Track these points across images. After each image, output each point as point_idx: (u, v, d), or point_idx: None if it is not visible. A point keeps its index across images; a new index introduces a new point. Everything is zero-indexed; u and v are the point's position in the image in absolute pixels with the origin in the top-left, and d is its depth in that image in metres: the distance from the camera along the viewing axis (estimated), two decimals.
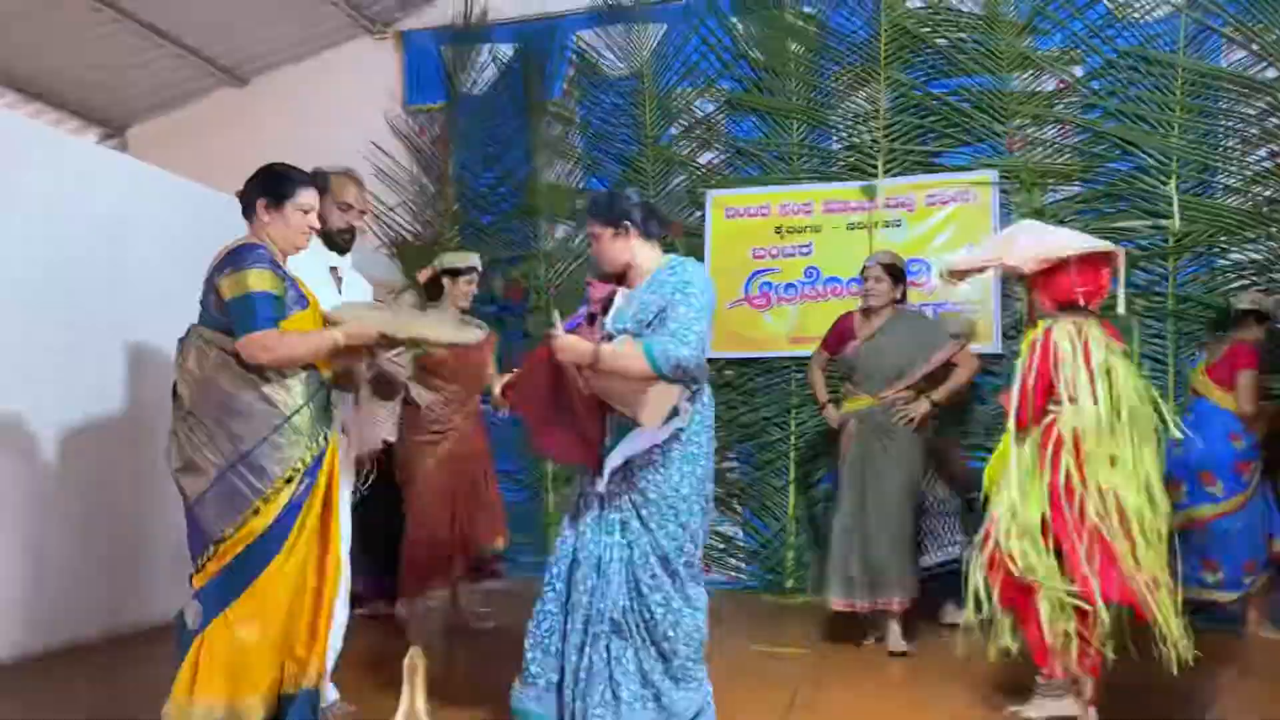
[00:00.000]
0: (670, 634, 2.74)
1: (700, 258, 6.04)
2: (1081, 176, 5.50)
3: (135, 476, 4.50)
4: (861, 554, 4.31)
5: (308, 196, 2.79)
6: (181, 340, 2.71)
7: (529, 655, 2.85)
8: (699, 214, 6.11)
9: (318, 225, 2.88)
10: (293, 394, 2.63)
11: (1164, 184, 5.32)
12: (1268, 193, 5.23)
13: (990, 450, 4.87)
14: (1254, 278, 5.20)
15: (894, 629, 4.33)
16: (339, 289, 3.33)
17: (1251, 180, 5.26)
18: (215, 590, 2.55)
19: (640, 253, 2.94)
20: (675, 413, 2.77)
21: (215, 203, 5.01)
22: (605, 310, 2.93)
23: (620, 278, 2.98)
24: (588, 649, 2.75)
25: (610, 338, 2.83)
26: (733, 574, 5.99)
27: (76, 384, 4.34)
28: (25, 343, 4.10)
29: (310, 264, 3.18)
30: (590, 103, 6.48)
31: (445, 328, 3.17)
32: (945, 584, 4.65)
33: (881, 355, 4.49)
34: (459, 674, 3.78)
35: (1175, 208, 5.28)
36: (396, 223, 6.80)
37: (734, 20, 6.16)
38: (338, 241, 3.37)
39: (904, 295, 4.66)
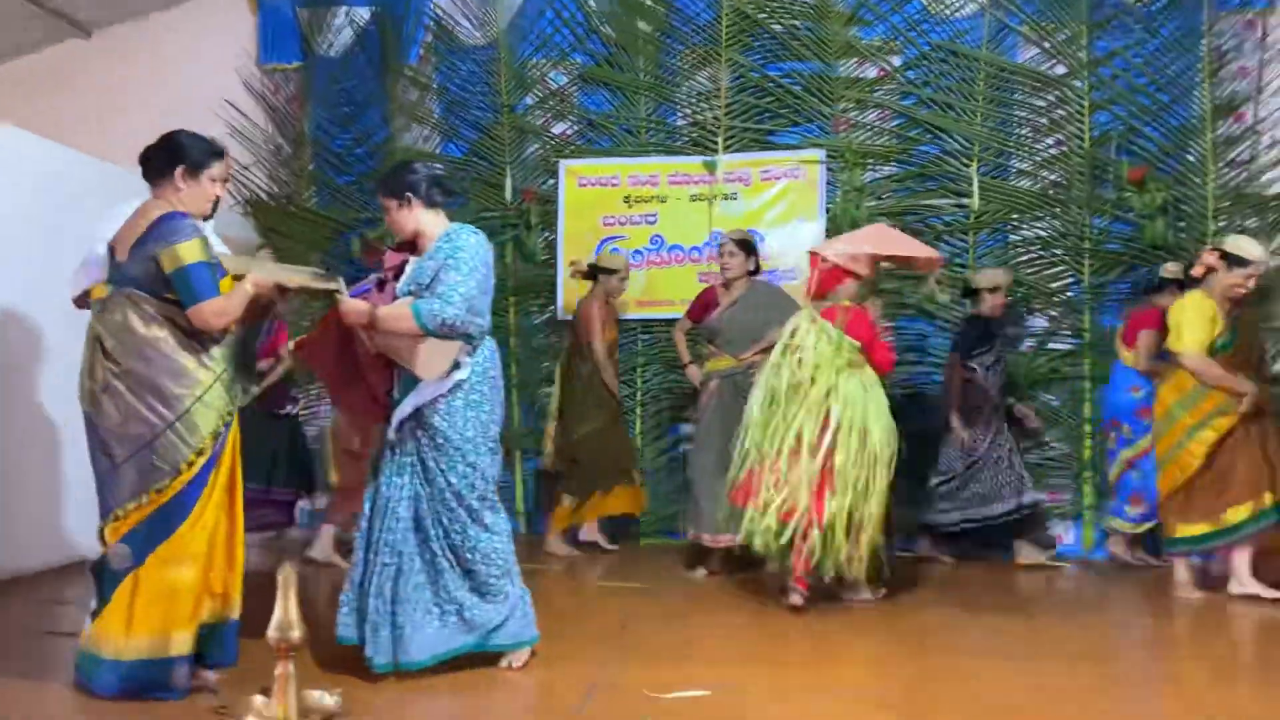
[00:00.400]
0: (470, 556, 3.15)
1: (554, 224, 6.37)
2: (897, 158, 6.08)
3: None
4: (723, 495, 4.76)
5: (221, 168, 3.02)
6: (103, 301, 2.90)
7: (344, 588, 3.22)
8: (552, 182, 6.42)
9: (224, 194, 3.10)
10: (216, 360, 2.92)
11: (967, 166, 5.96)
12: (1054, 177, 5.94)
13: None
14: (1040, 252, 5.91)
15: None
16: None
17: (1040, 165, 5.96)
18: (141, 536, 2.81)
19: (425, 221, 3.26)
20: (456, 365, 3.14)
21: (59, 157, 5.03)
22: (397, 276, 3.25)
23: (412, 246, 3.31)
24: (377, 577, 3.13)
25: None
26: None
27: None
28: None
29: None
30: (447, 69, 6.66)
31: (304, 275, 3.44)
32: (1018, 528, 5.38)
33: (740, 321, 5.06)
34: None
35: (975, 188, 5.93)
36: (251, 182, 6.83)
37: None
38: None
39: (757, 267, 5.20)
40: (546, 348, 6.42)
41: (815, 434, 4.06)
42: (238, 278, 3.00)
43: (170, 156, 2.96)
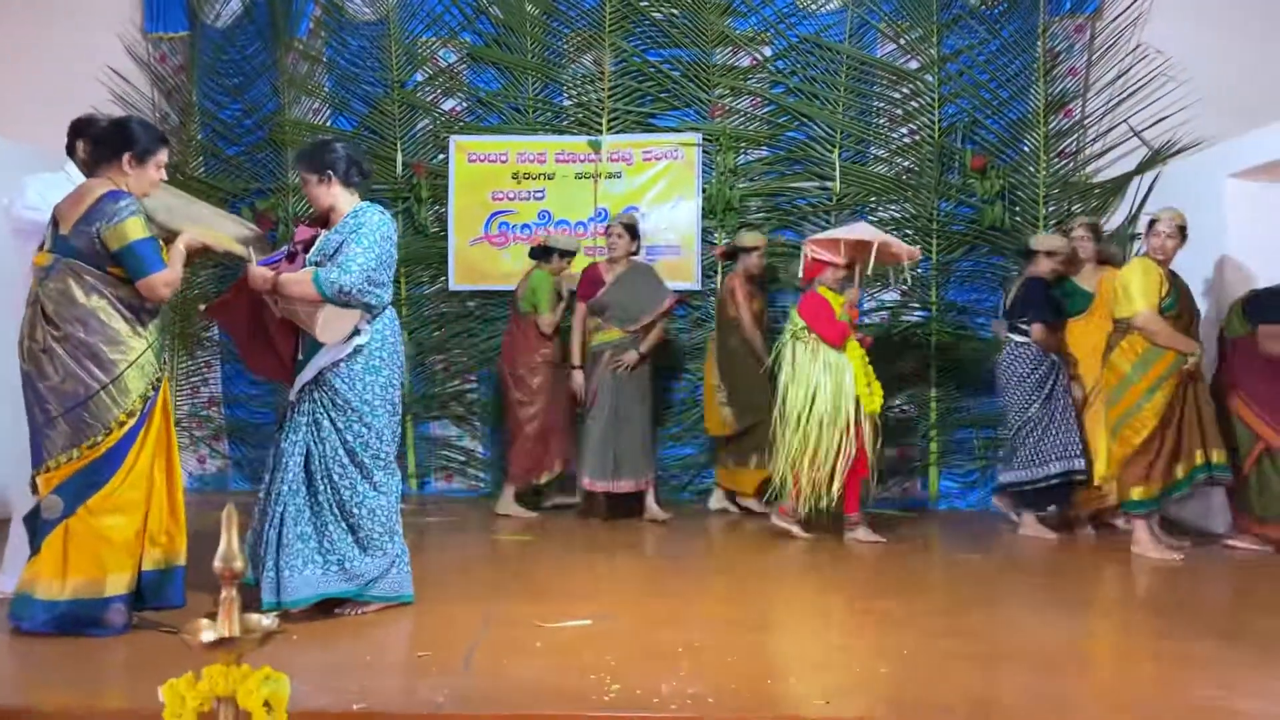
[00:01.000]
0: (356, 511, 3.46)
1: (444, 198, 6.62)
2: (768, 142, 6.55)
3: None
4: (615, 449, 5.55)
5: (163, 155, 3.26)
6: (45, 269, 3.12)
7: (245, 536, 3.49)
8: (442, 157, 6.66)
9: (165, 178, 3.33)
10: (149, 330, 3.19)
11: (830, 152, 6.47)
12: (907, 163, 6.50)
13: (694, 374, 5.96)
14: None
15: (649, 503, 5.68)
16: None
17: (895, 152, 6.51)
18: (72, 488, 3.06)
19: (340, 198, 3.56)
20: (357, 332, 3.45)
21: None
22: (308, 249, 3.53)
23: (324, 221, 3.60)
24: (268, 526, 3.43)
25: None
26: (474, 483, 6.74)
27: None
28: None
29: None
30: (338, 44, 6.79)
31: (228, 223, 3.71)
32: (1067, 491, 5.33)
33: (623, 298, 5.65)
34: None
35: (838, 172, 6.45)
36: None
37: None
38: None
39: (638, 249, 5.83)
40: (437, 316, 6.69)
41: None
42: (168, 241, 3.26)
43: (121, 143, 3.19)
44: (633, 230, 5.78)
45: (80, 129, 3.68)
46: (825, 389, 4.97)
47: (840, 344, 5.02)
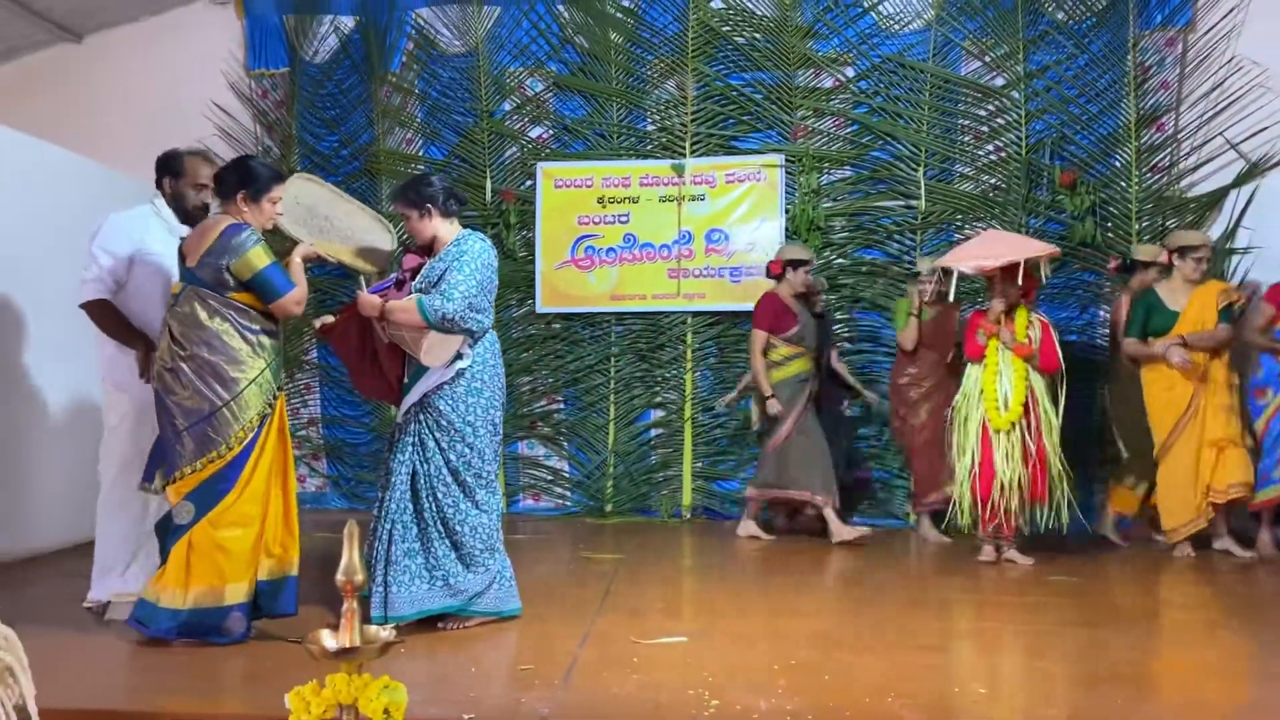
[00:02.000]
0: (459, 529, 3.57)
1: (531, 224, 6.78)
2: (851, 162, 6.56)
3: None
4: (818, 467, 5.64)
5: (278, 191, 3.46)
6: (175, 295, 3.38)
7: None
8: (530, 183, 6.83)
9: (282, 213, 3.53)
10: (267, 349, 3.38)
11: (914, 171, 6.46)
12: (994, 180, 6.45)
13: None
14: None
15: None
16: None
17: (981, 170, 6.46)
18: (197, 497, 3.25)
19: (441, 229, 3.71)
20: (460, 355, 3.56)
21: (52, 157, 5.30)
22: (414, 276, 3.69)
23: (429, 250, 3.73)
24: (378, 543, 3.57)
25: None
26: (559, 501, 6.85)
27: None
28: None
29: (164, 238, 3.82)
30: (429, 76, 7.03)
31: (363, 219, 3.93)
32: None
33: (813, 328, 5.83)
34: None
35: (922, 191, 6.43)
36: None
37: (561, 8, 6.85)
38: (195, 217, 3.87)
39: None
40: (525, 339, 6.84)
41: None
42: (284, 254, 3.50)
43: (238, 181, 3.41)
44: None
45: (164, 165, 3.90)
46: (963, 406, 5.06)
47: (975, 359, 5.05)
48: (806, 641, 3.50)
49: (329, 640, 2.26)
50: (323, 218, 3.84)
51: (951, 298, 5.44)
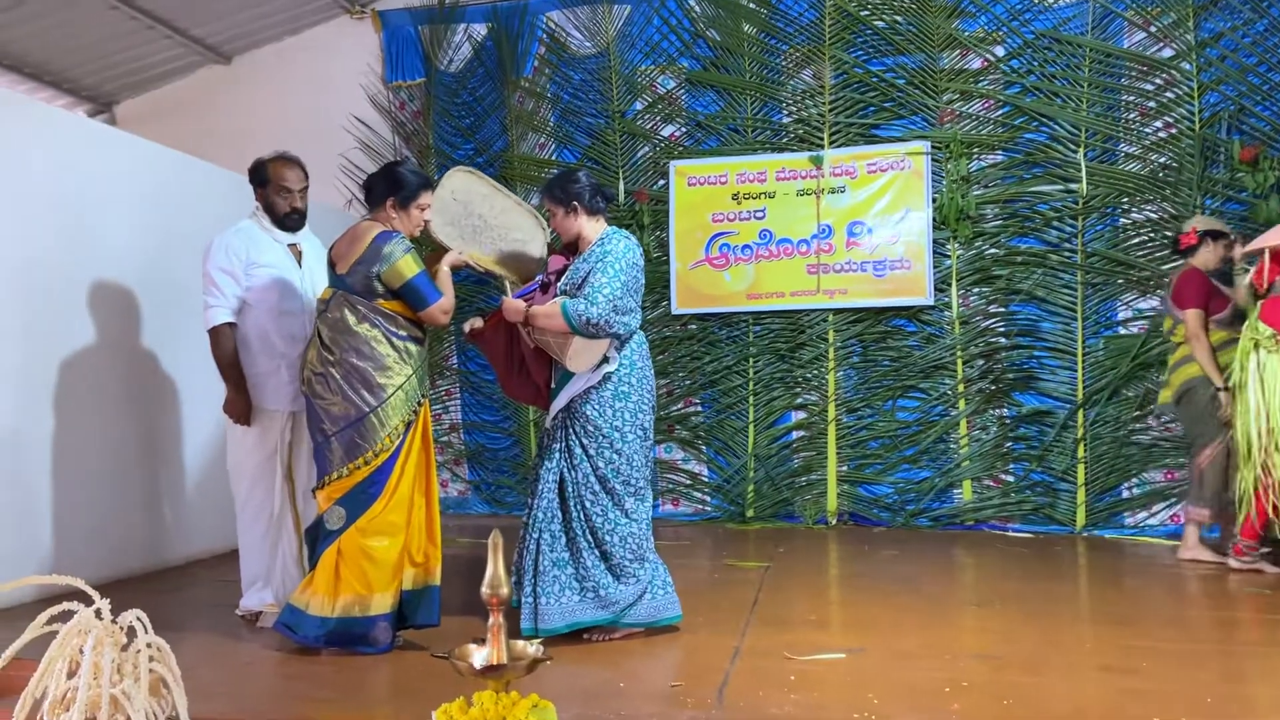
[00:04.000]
0: (608, 539, 3.44)
1: (665, 223, 6.66)
2: (1003, 146, 6.18)
3: (149, 433, 5.05)
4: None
5: (426, 198, 3.43)
6: (325, 301, 3.38)
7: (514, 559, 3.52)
8: (663, 183, 6.70)
9: (431, 217, 3.51)
10: (413, 356, 3.35)
11: (1074, 152, 6.02)
12: (1162, 159, 5.96)
13: (928, 394, 5.70)
14: (1150, 234, 5.94)
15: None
16: (299, 263, 3.89)
17: (1148, 149, 5.98)
18: (346, 502, 3.24)
19: (587, 227, 3.59)
20: (605, 360, 3.43)
21: (202, 172, 5.45)
22: (560, 278, 3.57)
23: (574, 248, 3.60)
24: (526, 553, 3.46)
25: None
26: (699, 506, 6.70)
27: (79, 344, 4.55)
28: (42, 304, 4.37)
29: (271, 247, 3.81)
30: (560, 79, 7.00)
31: (517, 216, 3.84)
32: None
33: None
34: None
35: (1083, 173, 6.00)
36: None
37: (692, 3, 6.71)
38: (286, 224, 3.86)
39: None
40: (660, 341, 6.72)
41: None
42: (428, 261, 3.47)
43: (386, 188, 3.38)
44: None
45: (253, 174, 3.85)
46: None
47: None
48: (977, 662, 3.23)
49: (477, 656, 2.16)
50: (477, 216, 3.77)
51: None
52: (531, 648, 2.23)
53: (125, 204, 4.87)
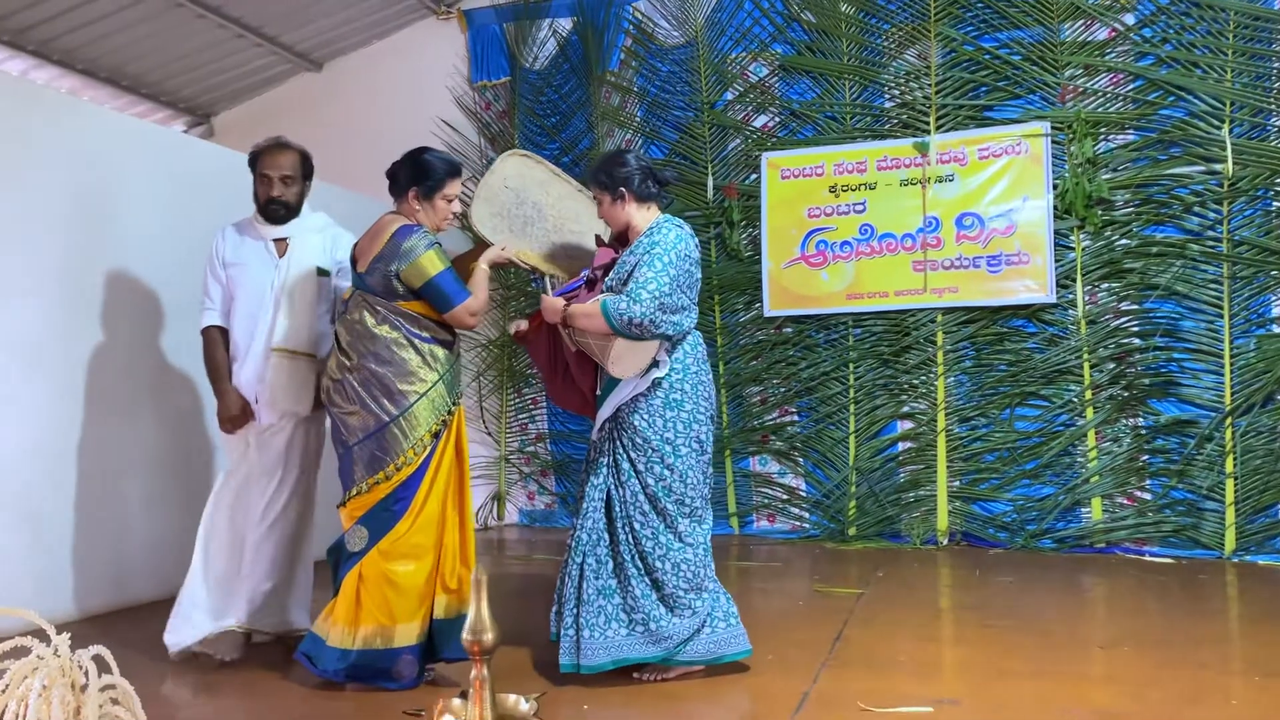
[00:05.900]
0: (659, 565, 3.02)
1: (757, 220, 6.23)
2: (1135, 125, 5.52)
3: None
4: None
5: (453, 187, 3.13)
6: (346, 302, 3.15)
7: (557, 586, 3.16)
8: (755, 176, 6.28)
9: (459, 209, 3.24)
10: (440, 361, 3.05)
11: (1217, 129, 5.33)
12: None
13: (1051, 402, 5.09)
14: None
15: None
16: (278, 259, 3.48)
17: None
18: (371, 521, 2.96)
19: (636, 215, 3.17)
20: (655, 364, 3.03)
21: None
22: (607, 273, 3.17)
23: (624, 239, 3.22)
24: (569, 580, 3.07)
25: None
26: (796, 523, 6.23)
27: (175, 360, 4.59)
28: (151, 319, 4.45)
29: (247, 244, 3.50)
30: (648, 72, 6.67)
31: (573, 205, 3.47)
32: None
33: None
34: None
35: (1229, 152, 5.29)
36: (467, 196, 7.08)
37: None
38: (268, 214, 3.48)
39: None
40: (752, 346, 6.29)
41: None
42: (458, 261, 3.17)
43: (409, 177, 3.10)
44: None
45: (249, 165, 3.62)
46: None
47: None
48: (1093, 717, 2.71)
49: (448, 716, 1.82)
50: (531, 205, 3.42)
51: None
52: (524, 704, 1.88)
53: (216, 206, 4.74)
